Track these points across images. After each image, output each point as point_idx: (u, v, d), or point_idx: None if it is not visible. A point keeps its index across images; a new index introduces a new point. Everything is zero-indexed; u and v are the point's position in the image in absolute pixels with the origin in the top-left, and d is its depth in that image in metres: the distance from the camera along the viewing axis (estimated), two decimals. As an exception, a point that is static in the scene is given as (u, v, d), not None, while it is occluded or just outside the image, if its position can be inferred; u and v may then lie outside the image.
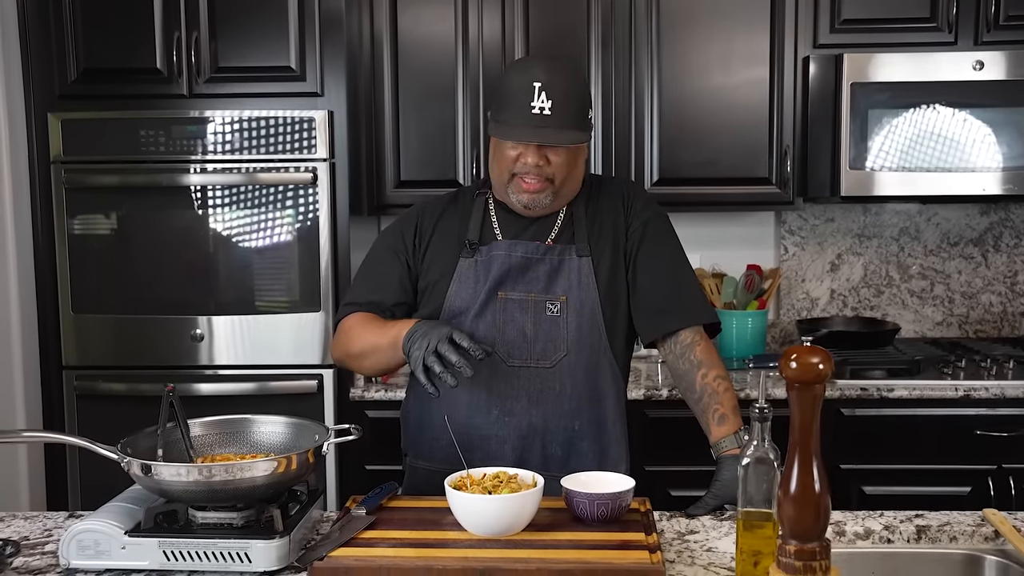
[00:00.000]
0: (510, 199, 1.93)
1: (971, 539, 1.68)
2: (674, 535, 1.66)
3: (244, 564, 1.51)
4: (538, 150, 1.84)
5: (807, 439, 1.26)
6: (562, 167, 1.87)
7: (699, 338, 1.92)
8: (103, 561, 1.53)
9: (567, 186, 1.92)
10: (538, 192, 1.88)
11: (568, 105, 1.82)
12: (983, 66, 2.99)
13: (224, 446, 1.75)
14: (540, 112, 1.80)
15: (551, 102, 1.80)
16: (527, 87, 1.81)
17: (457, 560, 1.46)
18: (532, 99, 1.80)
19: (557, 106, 1.80)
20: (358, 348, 1.94)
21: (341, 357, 2.01)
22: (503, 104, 1.86)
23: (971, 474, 2.87)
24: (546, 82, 1.81)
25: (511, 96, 1.83)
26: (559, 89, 1.81)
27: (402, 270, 1.99)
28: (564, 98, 1.82)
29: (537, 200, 1.90)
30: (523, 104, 1.81)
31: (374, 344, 1.89)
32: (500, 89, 1.89)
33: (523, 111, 1.81)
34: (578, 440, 1.92)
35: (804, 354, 1.25)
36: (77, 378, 3.00)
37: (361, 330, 1.94)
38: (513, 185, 1.89)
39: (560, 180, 1.88)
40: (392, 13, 3.15)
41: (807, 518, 1.24)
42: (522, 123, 1.81)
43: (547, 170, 1.86)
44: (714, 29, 3.13)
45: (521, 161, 1.85)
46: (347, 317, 2.00)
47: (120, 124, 2.93)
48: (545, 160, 1.85)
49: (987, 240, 3.51)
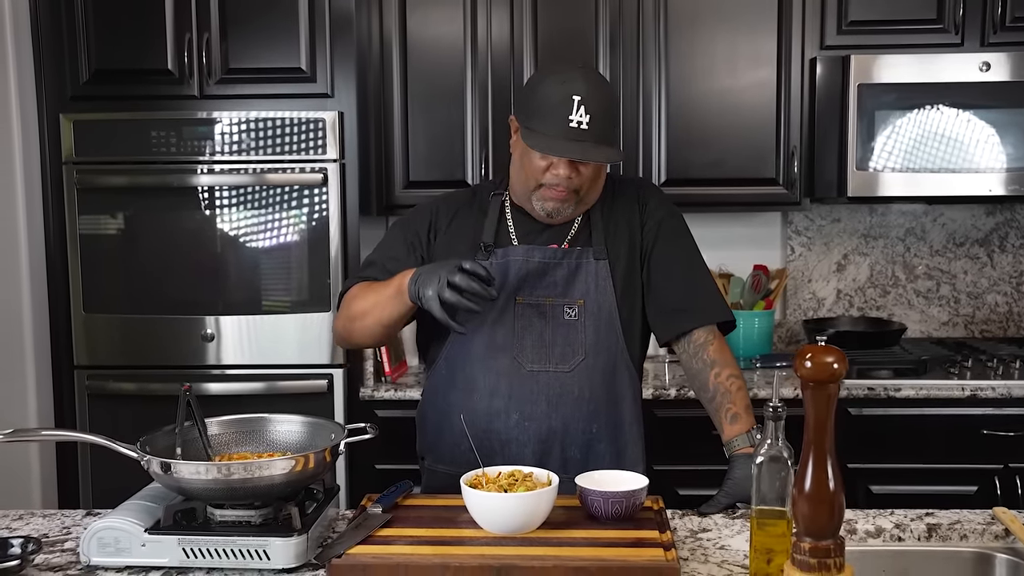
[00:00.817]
0: (533, 206, 1.93)
1: (981, 537, 1.69)
2: (687, 533, 1.68)
3: (263, 561, 1.52)
4: (570, 163, 1.83)
5: (822, 438, 1.27)
6: (588, 180, 1.88)
7: (712, 337, 1.93)
8: (123, 558, 1.54)
9: (590, 195, 1.93)
10: (564, 201, 1.88)
11: (605, 119, 1.81)
12: (990, 67, 3.01)
13: (240, 445, 1.76)
14: (578, 126, 1.78)
15: (589, 116, 1.78)
16: (566, 99, 1.78)
17: (474, 558, 1.47)
18: (571, 112, 1.78)
19: (595, 120, 1.79)
20: (359, 308, 1.91)
21: (343, 325, 1.97)
22: (539, 114, 1.82)
23: (978, 473, 2.88)
24: (585, 96, 1.78)
25: (549, 107, 1.80)
26: (596, 103, 1.79)
27: (416, 262, 1.97)
28: (601, 112, 1.80)
29: (561, 209, 1.90)
30: (561, 117, 1.78)
31: (376, 299, 1.87)
32: (535, 98, 1.84)
33: (560, 124, 1.79)
34: (596, 443, 1.93)
35: (819, 353, 1.27)
36: (88, 377, 3.02)
37: (362, 293, 1.92)
38: (539, 193, 1.89)
39: (586, 191, 1.89)
40: (401, 15, 3.17)
41: (822, 516, 1.25)
42: (559, 136, 1.79)
43: (575, 181, 1.85)
44: (721, 31, 3.15)
45: (552, 172, 1.84)
46: (350, 289, 1.99)
47: (131, 125, 2.96)
48: (576, 172, 1.84)
49: (993, 240, 3.53)
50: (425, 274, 1.76)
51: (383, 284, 1.89)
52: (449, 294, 1.70)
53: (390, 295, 1.85)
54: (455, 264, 1.72)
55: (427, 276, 1.75)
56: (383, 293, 1.87)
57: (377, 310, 1.88)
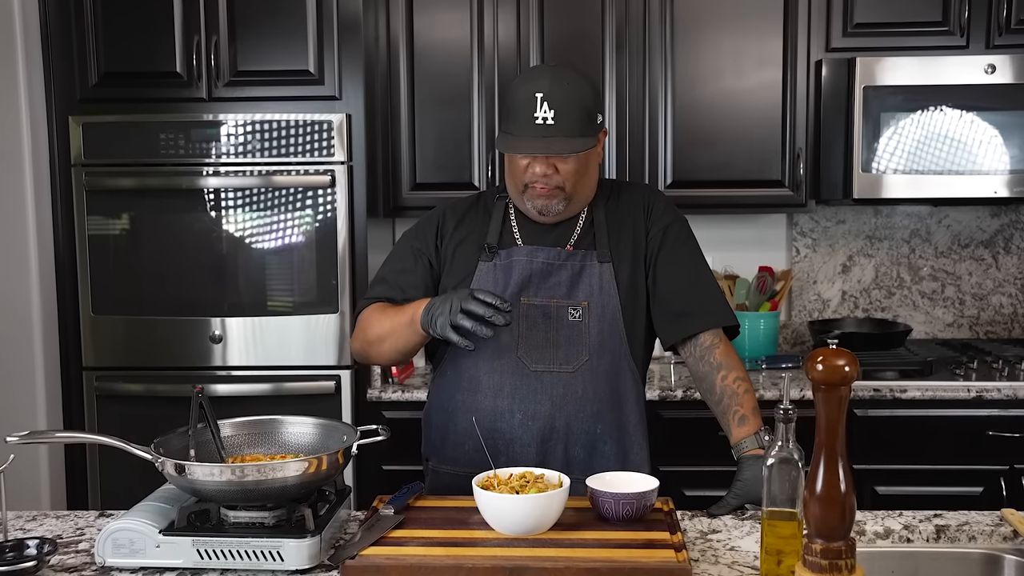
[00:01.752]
0: (525, 206, 1.96)
1: (990, 539, 1.70)
2: (697, 534, 1.69)
3: (276, 563, 1.53)
4: (546, 160, 1.87)
5: (833, 440, 1.29)
6: (572, 175, 1.89)
7: (718, 340, 1.94)
8: (138, 560, 1.55)
9: (580, 191, 1.94)
10: (549, 199, 1.91)
11: (571, 113, 1.84)
12: (995, 70, 3.02)
13: (253, 446, 1.78)
14: (544, 122, 1.82)
15: (553, 111, 1.82)
16: (530, 98, 1.83)
17: (486, 559, 1.48)
18: (535, 110, 1.82)
19: (560, 115, 1.82)
20: (375, 333, 1.95)
21: (360, 347, 2.02)
22: (509, 115, 1.88)
23: (983, 474, 2.89)
24: (547, 92, 1.82)
25: (516, 107, 1.86)
26: (560, 98, 1.83)
27: (424, 269, 2.01)
28: (566, 106, 1.83)
29: (549, 207, 1.92)
30: (527, 115, 1.83)
31: (392, 326, 1.91)
32: (506, 100, 1.91)
33: (527, 122, 1.83)
34: (600, 443, 1.95)
35: (830, 356, 1.28)
36: (97, 379, 3.03)
37: (378, 317, 1.96)
38: (527, 193, 1.93)
39: (571, 187, 1.91)
40: (408, 18, 3.18)
41: (833, 517, 1.27)
42: (526, 134, 1.84)
43: (556, 179, 1.88)
44: (727, 33, 3.16)
45: (530, 171, 1.88)
46: (365, 309, 2.02)
47: (140, 127, 2.97)
48: (553, 169, 1.87)
49: (998, 242, 3.54)
50: (438, 302, 1.79)
51: (398, 311, 1.92)
52: (460, 319, 1.73)
53: (404, 323, 1.88)
54: (467, 292, 1.75)
55: (440, 304, 1.78)
56: (397, 321, 1.90)
57: (393, 338, 1.92)
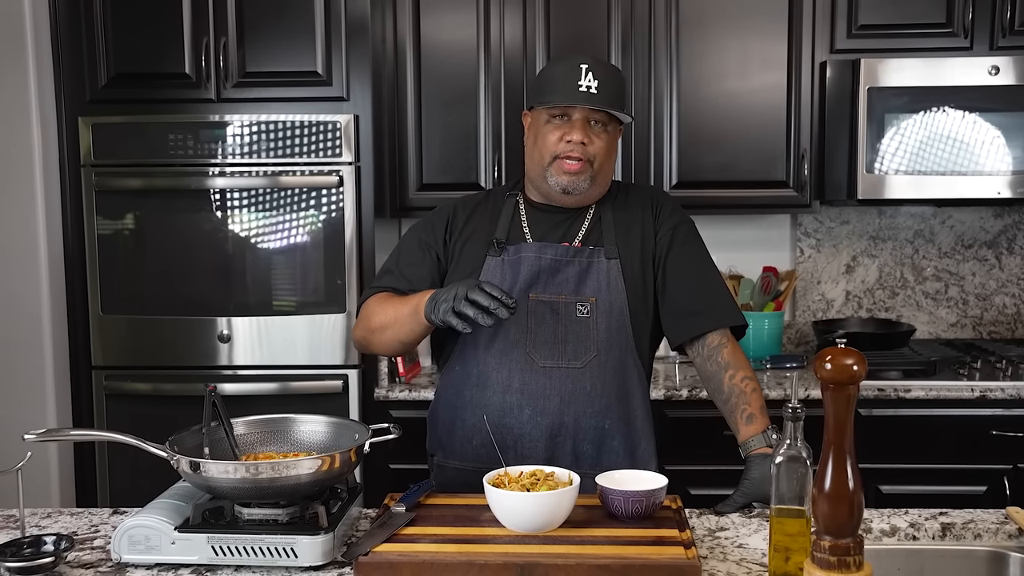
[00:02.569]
0: (548, 184, 1.97)
1: (995, 536, 1.72)
2: (705, 532, 1.71)
3: (290, 559, 1.55)
4: (584, 129, 1.92)
5: (841, 438, 1.31)
6: (601, 151, 1.95)
7: (726, 340, 1.96)
8: (153, 556, 1.57)
9: (601, 175, 1.98)
10: (577, 176, 1.94)
11: (614, 87, 1.93)
12: (998, 71, 3.04)
13: (266, 445, 1.79)
14: (588, 90, 1.90)
15: (597, 82, 1.90)
16: (574, 68, 1.91)
17: (498, 556, 1.50)
18: (580, 78, 1.90)
19: (603, 86, 1.91)
20: (378, 321, 1.96)
21: (362, 335, 2.03)
22: (550, 87, 1.94)
23: (987, 473, 2.91)
24: (592, 64, 1.91)
25: (559, 78, 1.92)
26: (603, 72, 1.92)
27: (431, 263, 2.03)
28: (610, 80, 1.92)
29: (576, 183, 1.95)
30: (572, 83, 1.90)
31: (395, 315, 1.92)
32: (544, 78, 1.98)
33: (572, 88, 1.90)
34: (608, 438, 1.96)
35: (839, 355, 1.30)
36: (106, 378, 3.05)
37: (382, 306, 1.97)
38: (554, 167, 1.95)
39: (598, 165, 1.95)
40: (415, 19, 3.20)
41: (841, 514, 1.28)
42: (572, 98, 1.90)
43: (590, 149, 1.93)
44: (732, 34, 3.18)
45: (566, 139, 1.92)
46: (370, 298, 2.04)
47: (149, 128, 2.99)
48: (589, 139, 1.92)
49: (1001, 242, 3.55)
50: (443, 291, 1.80)
51: (402, 301, 1.93)
52: (464, 306, 1.74)
53: (407, 313, 1.89)
54: (475, 282, 1.77)
55: (445, 292, 1.79)
56: (401, 311, 1.91)
57: (396, 326, 1.93)
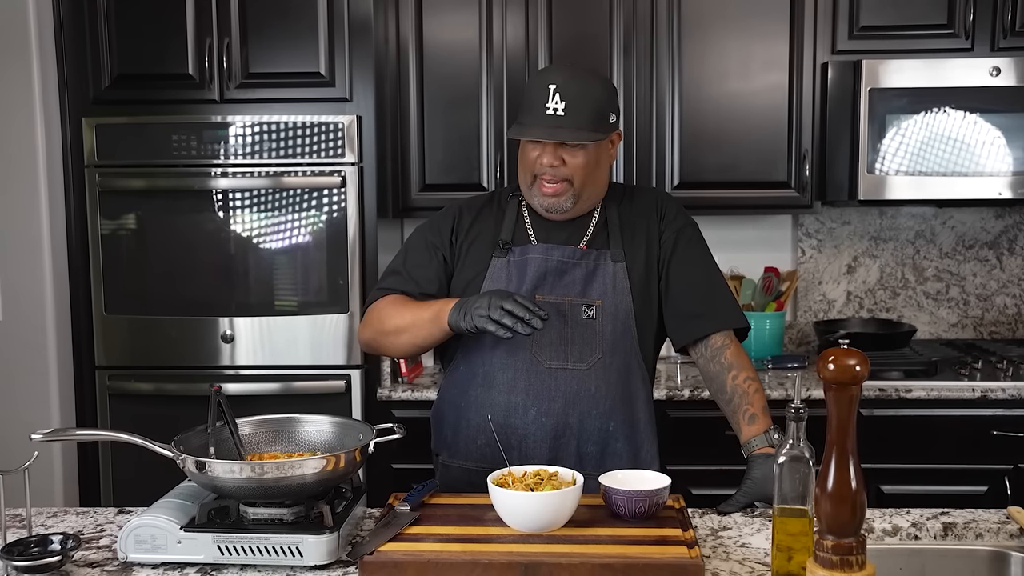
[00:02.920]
0: (533, 202, 1.99)
1: (996, 536, 1.73)
2: (707, 531, 1.72)
3: (295, 558, 1.56)
4: (554, 151, 1.90)
5: (844, 438, 1.32)
6: (580, 169, 1.92)
7: (729, 341, 1.98)
8: (159, 555, 1.58)
9: (588, 189, 1.96)
10: (557, 196, 1.93)
11: (582, 106, 1.88)
12: (999, 72, 3.05)
13: (270, 444, 1.81)
14: (554, 113, 1.87)
15: (564, 103, 1.86)
16: (543, 89, 1.88)
17: (502, 555, 1.51)
18: (547, 100, 1.87)
19: (571, 107, 1.86)
20: (393, 325, 1.97)
21: (372, 337, 2.03)
22: (523, 107, 1.93)
23: (988, 473, 2.92)
24: (560, 84, 1.87)
25: (530, 99, 1.91)
26: (573, 91, 1.87)
27: (438, 264, 2.03)
28: (578, 100, 1.87)
29: (557, 204, 1.95)
30: (539, 106, 1.88)
31: (413, 319, 1.93)
32: (524, 93, 1.97)
33: (538, 112, 1.88)
34: (612, 440, 1.97)
35: (841, 356, 1.31)
36: (109, 378, 3.06)
37: (397, 309, 1.97)
38: (535, 188, 1.96)
39: (580, 182, 1.93)
40: (418, 20, 3.21)
41: (844, 514, 1.29)
42: (537, 123, 1.88)
43: (563, 171, 1.91)
44: (734, 36, 3.19)
45: (539, 163, 1.92)
46: (378, 300, 2.04)
47: (152, 129, 3.00)
48: (561, 161, 1.91)
49: (1002, 243, 3.56)
50: (474, 300, 1.82)
51: (419, 306, 1.94)
52: (500, 315, 1.76)
53: (427, 319, 1.91)
54: (508, 293, 1.79)
55: (477, 300, 1.81)
56: (420, 315, 1.92)
57: (413, 330, 1.94)
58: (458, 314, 1.83)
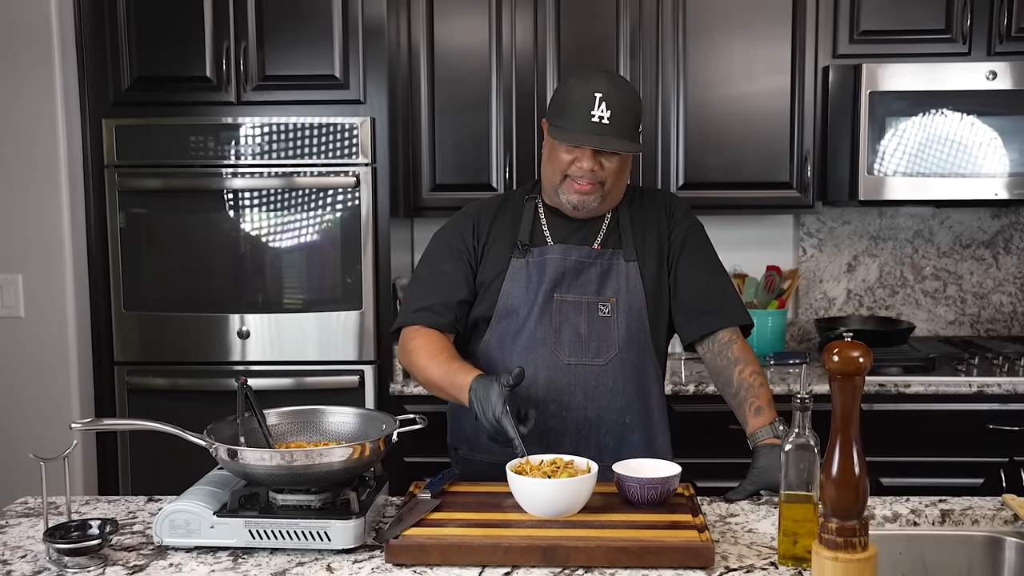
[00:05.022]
0: (559, 199, 2.05)
1: (992, 522, 1.81)
2: (716, 518, 1.79)
3: (323, 542, 1.62)
4: (594, 156, 1.96)
5: (848, 426, 1.38)
6: (613, 173, 1.99)
7: (735, 337, 2.05)
8: (193, 539, 1.64)
9: (614, 192, 2.04)
10: (588, 194, 2.00)
11: (626, 117, 1.94)
12: (996, 76, 3.12)
13: (296, 435, 1.87)
14: (600, 121, 1.92)
15: (610, 112, 1.92)
16: (588, 97, 1.93)
17: (522, 539, 1.58)
18: (593, 108, 1.92)
19: (615, 116, 1.93)
20: (422, 377, 2.02)
21: (406, 366, 2.09)
22: (564, 111, 1.97)
23: (984, 466, 2.99)
24: (607, 93, 1.93)
25: (573, 104, 1.95)
26: (617, 100, 1.93)
27: (465, 269, 2.08)
28: (622, 109, 1.94)
29: (586, 202, 2.02)
30: (584, 112, 1.93)
31: (439, 382, 1.97)
32: (561, 97, 2.00)
33: (584, 119, 1.93)
34: (629, 433, 2.05)
35: (845, 348, 1.38)
36: (128, 373, 3.14)
37: (425, 362, 2.00)
38: (565, 186, 2.01)
39: (610, 185, 2.01)
40: (429, 24, 3.28)
41: (848, 498, 1.36)
42: (582, 130, 1.93)
43: (600, 174, 1.98)
44: (737, 39, 3.26)
45: (576, 165, 1.97)
46: (410, 330, 2.07)
47: (170, 130, 3.07)
48: (599, 165, 1.97)
49: (998, 242, 3.64)
50: (483, 399, 1.84)
51: (446, 370, 1.95)
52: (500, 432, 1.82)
53: (450, 390, 1.95)
54: (495, 420, 1.81)
55: (483, 403, 1.84)
56: (444, 384, 1.96)
57: (439, 392, 2.00)
58: (478, 408, 1.85)
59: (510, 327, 2.05)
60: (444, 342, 2.03)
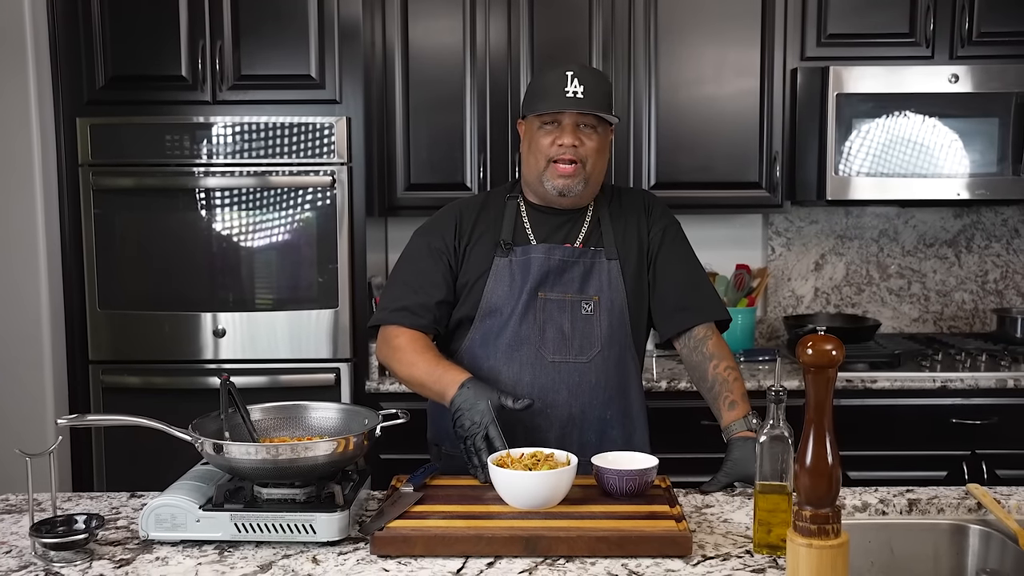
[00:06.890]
0: (544, 188, 2.08)
1: (957, 511, 1.87)
2: (691, 509, 1.84)
3: (309, 535, 1.64)
4: (574, 132, 2.01)
5: (821, 417, 1.43)
6: (592, 152, 2.04)
7: (711, 333, 2.10)
8: (179, 533, 1.66)
9: (594, 175, 2.08)
10: (572, 176, 2.04)
11: (598, 92, 2.02)
12: (958, 79, 3.20)
13: (280, 430, 1.89)
14: (574, 96, 1.99)
15: (583, 87, 2.00)
16: (561, 77, 2.01)
17: (504, 529, 1.61)
18: (566, 85, 1.99)
19: (588, 91, 2.00)
20: (405, 376, 2.05)
21: (386, 363, 2.12)
22: (539, 95, 2.04)
23: (947, 459, 3.07)
24: (578, 72, 2.01)
25: (548, 86, 2.02)
26: (590, 77, 2.02)
27: (445, 269, 2.10)
28: (594, 86, 2.02)
29: (571, 186, 2.05)
30: (559, 90, 2.00)
31: (421, 385, 2.01)
32: (534, 86, 2.08)
33: (559, 95, 2.00)
34: (609, 428, 2.09)
35: (819, 341, 1.42)
36: (103, 372, 3.13)
37: (410, 359, 2.03)
38: (548, 172, 2.05)
39: (591, 165, 2.05)
40: (404, 25, 3.30)
41: (821, 487, 1.40)
42: (559, 105, 2.00)
43: (581, 151, 2.03)
44: (708, 42, 3.32)
45: (557, 144, 2.02)
46: (392, 328, 2.09)
47: (146, 129, 3.07)
48: (579, 141, 2.02)
49: (960, 241, 3.73)
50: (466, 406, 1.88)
51: (429, 370, 1.99)
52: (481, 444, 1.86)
53: (433, 390, 1.99)
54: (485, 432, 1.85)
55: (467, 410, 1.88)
56: (427, 384, 2.00)
57: (422, 390, 2.04)
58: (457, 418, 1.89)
59: (494, 326, 2.08)
60: (428, 342, 2.07)
